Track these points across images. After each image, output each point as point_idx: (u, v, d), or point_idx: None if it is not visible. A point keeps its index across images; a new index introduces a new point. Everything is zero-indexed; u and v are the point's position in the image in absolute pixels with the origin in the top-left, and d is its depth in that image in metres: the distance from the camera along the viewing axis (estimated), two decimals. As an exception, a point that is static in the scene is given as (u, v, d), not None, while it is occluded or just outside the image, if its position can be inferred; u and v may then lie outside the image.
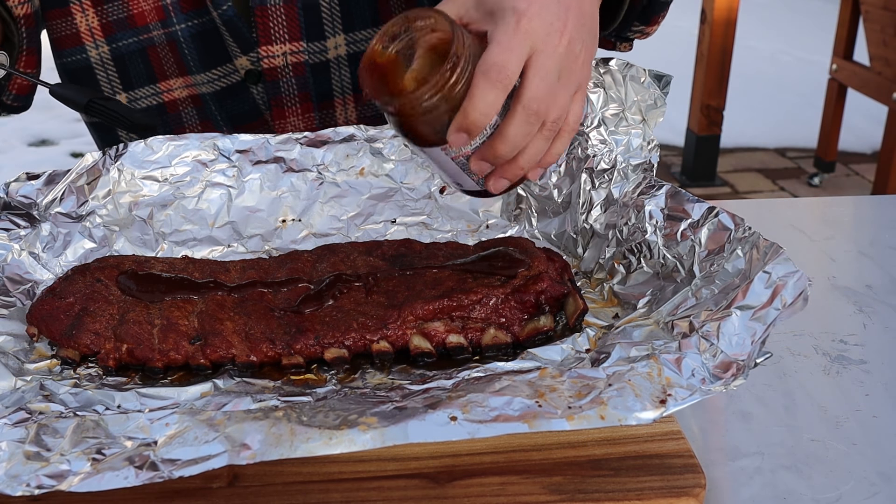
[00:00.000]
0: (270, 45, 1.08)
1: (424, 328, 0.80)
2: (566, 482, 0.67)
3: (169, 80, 1.13)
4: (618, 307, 0.86)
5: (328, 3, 1.08)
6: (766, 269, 0.74)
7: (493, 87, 0.69)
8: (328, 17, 1.09)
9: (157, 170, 0.99)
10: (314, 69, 1.11)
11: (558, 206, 0.99)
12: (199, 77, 1.12)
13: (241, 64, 1.10)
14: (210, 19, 1.07)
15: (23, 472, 0.61)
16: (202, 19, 1.08)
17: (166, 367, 0.79)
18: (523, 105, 0.71)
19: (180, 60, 1.11)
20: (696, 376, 0.69)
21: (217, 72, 1.11)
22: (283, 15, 1.07)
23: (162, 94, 1.13)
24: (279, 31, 1.08)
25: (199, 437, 0.63)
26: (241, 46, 1.08)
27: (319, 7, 1.08)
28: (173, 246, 0.97)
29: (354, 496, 0.66)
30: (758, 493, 0.70)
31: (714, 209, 0.85)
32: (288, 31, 1.08)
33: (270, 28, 1.07)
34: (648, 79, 0.97)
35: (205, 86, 1.13)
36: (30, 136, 4.31)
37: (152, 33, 1.09)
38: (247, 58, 1.09)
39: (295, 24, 1.08)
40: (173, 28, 1.08)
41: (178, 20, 1.08)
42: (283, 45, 1.08)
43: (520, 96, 0.71)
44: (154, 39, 1.09)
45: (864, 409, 0.80)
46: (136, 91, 1.13)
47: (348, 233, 1.00)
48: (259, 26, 1.07)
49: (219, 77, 1.12)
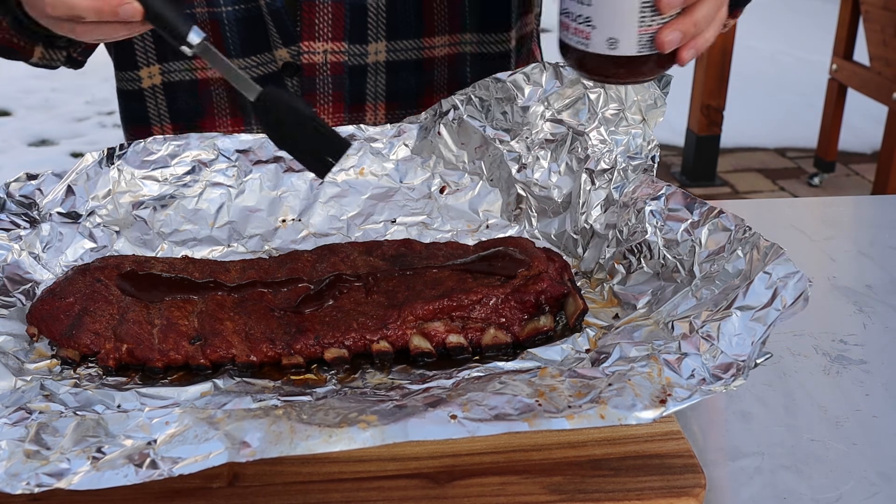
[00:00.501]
0: (313, 41, 1.09)
1: (424, 328, 0.80)
2: (566, 482, 0.67)
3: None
4: (618, 307, 0.86)
5: (375, 8, 1.09)
6: (766, 270, 0.74)
7: None
8: (373, 21, 1.10)
9: (157, 170, 0.99)
10: (352, 71, 1.11)
11: (558, 206, 0.99)
12: (237, 62, 1.12)
13: (280, 55, 1.10)
14: (256, 6, 1.07)
15: (23, 470, 0.61)
16: (249, 5, 1.08)
17: (166, 367, 0.79)
18: None
19: (220, 42, 1.11)
20: (696, 376, 0.69)
21: (255, 59, 1.12)
22: (330, 13, 1.08)
23: (196, 70, 1.13)
24: (323, 29, 1.08)
25: (199, 436, 0.63)
26: (284, 38, 1.09)
27: (366, 10, 1.09)
28: (173, 246, 0.97)
29: (354, 496, 0.66)
30: (758, 493, 0.70)
31: (714, 209, 0.85)
32: (332, 29, 1.09)
33: (315, 24, 1.08)
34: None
35: (240, 70, 1.13)
36: (30, 136, 4.31)
37: (196, 10, 1.09)
38: (287, 50, 1.10)
39: (340, 24, 1.09)
40: (218, 9, 1.08)
41: (225, 2, 1.08)
42: (326, 42, 1.09)
43: None
44: (197, 16, 1.09)
45: (864, 409, 0.80)
46: (171, 64, 1.13)
47: (348, 233, 1.00)
48: (304, 21, 1.08)
49: (256, 65, 1.12)
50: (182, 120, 1.17)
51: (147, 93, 1.16)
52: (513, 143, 1.00)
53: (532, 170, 1.00)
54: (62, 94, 4.82)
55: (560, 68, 0.98)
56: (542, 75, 0.99)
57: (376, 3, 1.08)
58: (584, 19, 0.73)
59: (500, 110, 1.00)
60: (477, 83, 1.01)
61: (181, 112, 1.16)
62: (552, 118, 0.99)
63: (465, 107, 1.01)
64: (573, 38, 0.74)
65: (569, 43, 0.75)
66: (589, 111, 0.98)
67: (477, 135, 1.01)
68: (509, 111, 1.00)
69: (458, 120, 1.01)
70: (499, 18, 1.14)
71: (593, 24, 0.73)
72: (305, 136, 0.80)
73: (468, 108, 1.01)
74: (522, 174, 1.00)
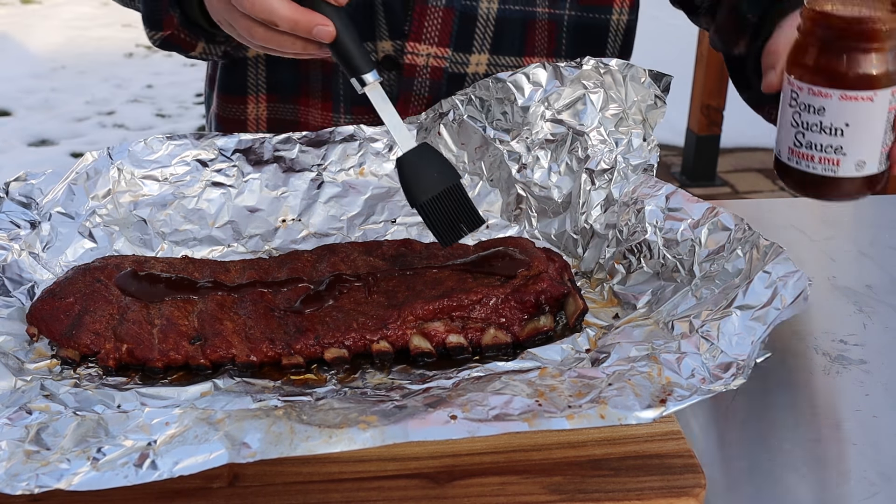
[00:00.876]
0: (419, 42, 1.10)
1: (424, 328, 0.80)
2: (566, 482, 0.67)
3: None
4: (618, 307, 0.86)
5: (484, 21, 1.11)
6: (766, 269, 0.74)
7: None
8: (480, 32, 1.12)
9: (157, 169, 0.99)
10: (451, 78, 1.13)
11: (558, 206, 0.99)
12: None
13: (383, 47, 1.11)
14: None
15: (23, 471, 0.61)
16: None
17: (166, 367, 0.79)
18: None
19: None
20: (696, 376, 0.69)
21: None
22: (440, 18, 1.09)
23: None
24: (431, 33, 1.10)
25: (199, 436, 0.63)
26: (390, 31, 1.10)
27: (476, 21, 1.11)
28: (173, 246, 0.97)
29: (355, 496, 0.66)
30: (758, 493, 0.70)
31: (714, 209, 0.85)
32: (439, 34, 1.10)
33: (424, 27, 1.09)
34: (648, 79, 0.97)
35: None
36: (30, 136, 4.30)
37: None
38: (391, 43, 1.11)
39: (447, 30, 1.10)
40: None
41: None
42: (431, 46, 1.11)
43: None
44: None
45: (864, 409, 0.80)
46: None
47: (348, 233, 1.00)
48: (414, 22, 1.09)
49: None
50: (277, 92, 1.19)
51: (250, 62, 1.18)
52: (513, 143, 1.00)
53: (532, 170, 1.00)
54: (62, 94, 4.82)
55: (560, 68, 0.98)
56: (543, 75, 0.99)
57: (486, 15, 1.10)
58: (836, 149, 0.80)
59: (500, 110, 1.00)
60: (477, 83, 1.01)
61: (278, 85, 1.18)
62: (552, 118, 0.99)
63: (466, 107, 1.01)
64: (818, 167, 0.82)
65: (813, 172, 0.83)
66: (589, 111, 0.98)
67: (477, 135, 1.01)
68: (509, 111, 1.00)
69: (458, 120, 1.01)
70: (591, 47, 1.17)
71: (844, 152, 0.80)
72: (447, 200, 0.81)
73: (468, 109, 1.01)
74: (522, 174, 1.00)
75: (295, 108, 1.19)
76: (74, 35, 6.00)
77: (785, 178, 0.86)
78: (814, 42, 0.81)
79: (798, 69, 0.82)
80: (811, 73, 0.81)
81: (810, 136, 0.81)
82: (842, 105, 0.79)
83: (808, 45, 0.81)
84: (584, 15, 1.16)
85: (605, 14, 1.17)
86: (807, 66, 0.81)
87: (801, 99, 0.81)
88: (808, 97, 0.81)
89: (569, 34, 1.16)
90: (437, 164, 0.82)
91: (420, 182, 0.81)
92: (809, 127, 0.81)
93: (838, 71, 0.79)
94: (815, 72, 0.80)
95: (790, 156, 0.84)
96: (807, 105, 0.81)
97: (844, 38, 0.79)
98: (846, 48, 0.79)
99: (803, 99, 0.81)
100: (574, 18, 1.16)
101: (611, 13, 1.18)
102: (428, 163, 0.81)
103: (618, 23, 1.19)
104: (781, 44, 0.93)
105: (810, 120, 0.81)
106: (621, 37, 1.21)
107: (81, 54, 5.53)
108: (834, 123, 0.80)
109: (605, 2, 1.17)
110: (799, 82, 0.81)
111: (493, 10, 1.11)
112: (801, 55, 0.82)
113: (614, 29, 1.19)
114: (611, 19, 1.18)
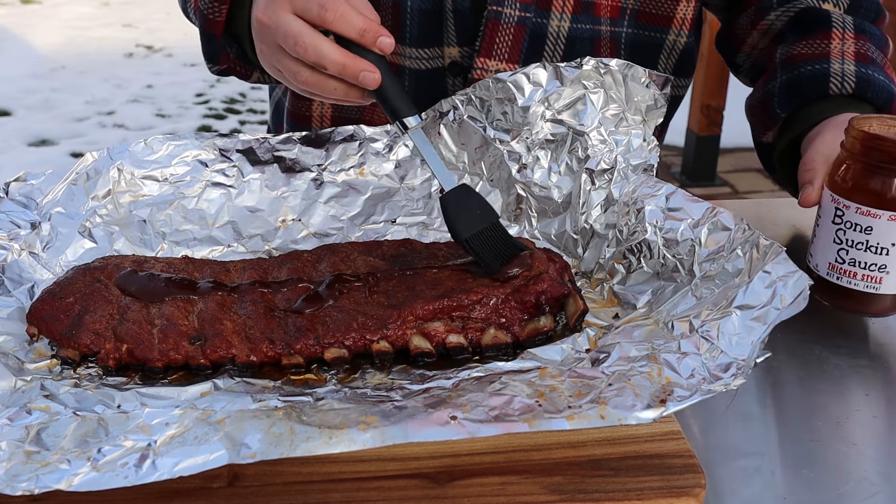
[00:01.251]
0: (489, 59, 1.11)
1: (424, 328, 0.80)
2: (566, 482, 0.67)
3: None
4: (618, 307, 0.86)
5: (554, 38, 1.12)
6: (765, 269, 0.74)
7: None
8: (550, 49, 1.13)
9: (157, 169, 0.99)
10: None
11: (558, 206, 0.99)
12: (409, 51, 1.14)
13: (449, 52, 1.12)
14: (441, 2, 1.10)
15: (23, 471, 0.61)
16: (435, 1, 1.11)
17: (166, 367, 0.79)
18: None
19: (398, 27, 1.13)
20: (695, 376, 0.69)
21: (425, 52, 1.14)
22: (511, 35, 1.10)
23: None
24: (501, 49, 1.11)
25: (199, 437, 0.63)
26: (458, 38, 1.11)
27: (545, 39, 1.12)
28: (173, 246, 0.97)
29: (354, 496, 0.66)
30: (758, 493, 0.70)
31: (714, 209, 0.85)
32: (509, 51, 1.11)
33: (496, 43, 1.10)
34: (648, 79, 0.97)
35: (409, 60, 1.15)
36: (30, 136, 4.31)
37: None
38: (458, 49, 1.12)
39: (517, 48, 1.11)
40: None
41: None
42: (500, 63, 1.12)
43: None
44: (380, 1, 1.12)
45: (864, 409, 0.80)
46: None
47: (348, 233, 1.00)
48: (486, 38, 1.10)
49: (426, 58, 1.14)
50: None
51: None
52: (513, 143, 1.00)
53: (532, 170, 1.00)
54: (62, 94, 4.83)
55: (560, 68, 0.98)
56: (543, 75, 0.99)
57: (556, 33, 1.11)
58: (880, 267, 0.82)
59: (500, 110, 1.00)
60: (477, 83, 1.01)
61: None
62: (552, 118, 0.99)
63: (466, 107, 1.01)
64: (860, 284, 0.84)
65: (854, 288, 0.85)
66: (589, 111, 0.98)
67: (477, 135, 1.01)
68: (509, 111, 1.00)
69: (458, 120, 1.01)
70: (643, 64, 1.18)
71: (888, 270, 0.82)
72: (490, 235, 0.85)
73: (468, 109, 1.01)
74: (522, 174, 1.00)
75: (359, 109, 1.20)
76: (74, 35, 6.01)
77: (821, 291, 0.87)
78: (861, 162, 0.82)
79: (844, 188, 0.83)
80: (859, 193, 0.82)
81: (854, 254, 0.82)
82: (890, 226, 0.80)
83: (855, 164, 0.82)
84: (640, 33, 1.18)
85: (661, 34, 1.19)
86: (854, 186, 0.82)
87: (846, 217, 0.82)
88: (854, 216, 0.81)
89: (626, 50, 1.18)
90: (478, 200, 0.87)
91: (466, 217, 0.86)
92: (854, 245, 0.82)
93: (888, 193, 0.80)
94: (863, 192, 0.81)
95: (830, 271, 0.85)
96: (853, 223, 0.82)
97: (894, 161, 0.80)
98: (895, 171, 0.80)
99: (849, 217, 0.82)
100: (631, 36, 1.18)
101: (667, 33, 1.19)
102: (471, 200, 0.87)
103: (674, 43, 1.20)
104: (819, 160, 0.93)
105: (856, 238, 0.82)
106: (676, 57, 1.22)
107: (81, 54, 5.53)
108: (881, 243, 0.81)
109: (663, 22, 1.18)
110: (846, 201, 0.82)
111: (565, 28, 1.12)
112: (847, 174, 0.83)
113: (669, 48, 1.20)
114: (666, 39, 1.19)
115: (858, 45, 1.08)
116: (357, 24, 0.84)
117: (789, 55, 1.11)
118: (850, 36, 1.09)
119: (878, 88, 1.05)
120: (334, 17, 0.83)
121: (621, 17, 1.16)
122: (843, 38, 1.09)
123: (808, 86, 1.06)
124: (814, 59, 1.08)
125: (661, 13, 1.18)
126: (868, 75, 1.05)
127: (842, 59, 1.06)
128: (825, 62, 1.06)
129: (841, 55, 1.07)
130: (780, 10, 1.18)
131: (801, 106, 1.07)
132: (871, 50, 1.09)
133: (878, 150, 0.81)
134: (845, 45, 1.08)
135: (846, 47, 1.08)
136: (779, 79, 1.09)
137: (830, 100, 1.05)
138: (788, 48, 1.12)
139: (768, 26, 1.18)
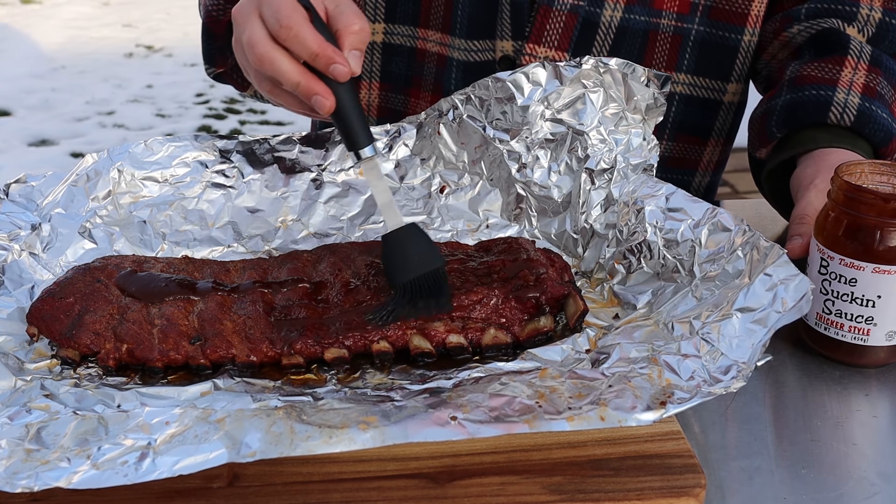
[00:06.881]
0: (538, 45, 1.10)
1: (424, 328, 0.80)
2: (566, 482, 0.67)
3: (429, 30, 1.14)
4: (618, 307, 0.86)
5: (606, 27, 1.10)
6: (767, 272, 0.74)
7: None
8: (600, 40, 1.11)
9: (158, 170, 0.99)
10: None
11: (558, 206, 0.99)
12: (458, 41, 1.13)
13: (502, 47, 1.11)
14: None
15: (22, 469, 0.62)
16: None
17: (166, 367, 0.79)
18: None
19: (449, 17, 1.11)
20: (696, 378, 0.69)
21: (476, 45, 1.12)
22: (562, 23, 1.09)
23: (417, 39, 1.15)
24: (552, 36, 1.09)
25: (199, 436, 0.63)
26: (513, 31, 1.10)
27: (597, 27, 1.10)
28: (173, 246, 0.97)
29: (354, 496, 0.66)
30: (758, 493, 0.70)
31: (714, 209, 0.85)
32: (559, 38, 1.10)
33: (546, 30, 1.09)
34: (648, 78, 0.97)
35: (458, 51, 1.14)
36: (30, 136, 4.30)
37: None
38: (511, 43, 1.10)
39: (568, 35, 1.10)
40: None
41: None
42: (550, 49, 1.10)
43: None
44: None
45: (864, 409, 0.80)
46: (396, 27, 1.15)
47: (348, 233, 1.00)
48: (536, 24, 1.09)
49: (476, 50, 1.12)
50: (390, 81, 1.20)
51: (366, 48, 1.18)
52: (512, 142, 1.00)
53: (532, 169, 1.00)
54: (62, 94, 4.82)
55: (560, 67, 0.98)
56: (542, 75, 0.99)
57: (609, 22, 1.09)
58: (866, 319, 0.81)
59: (499, 110, 1.00)
60: (477, 83, 1.01)
61: (392, 74, 1.19)
62: (552, 118, 0.99)
63: (465, 106, 1.01)
64: (848, 335, 0.82)
65: (841, 339, 0.83)
66: (589, 111, 0.98)
67: (477, 134, 1.01)
68: (509, 111, 1.00)
69: (458, 120, 1.01)
70: (716, 66, 1.15)
71: (875, 323, 0.81)
72: (427, 282, 0.81)
73: (468, 108, 1.01)
74: (522, 174, 1.00)
75: (406, 100, 1.19)
76: (74, 35, 6.00)
77: (811, 341, 0.86)
78: (846, 214, 0.80)
79: (829, 239, 0.82)
80: (843, 244, 0.80)
81: (840, 305, 0.81)
82: (875, 278, 0.79)
83: (840, 214, 0.81)
84: (713, 32, 1.13)
85: (736, 34, 1.14)
86: (839, 237, 0.81)
87: (831, 268, 0.81)
88: (839, 267, 0.80)
89: (693, 50, 1.14)
90: (426, 244, 0.83)
91: (407, 261, 0.82)
92: (840, 296, 0.81)
93: (872, 246, 0.79)
94: (848, 243, 0.80)
95: (818, 321, 0.84)
96: (838, 275, 0.81)
97: (880, 215, 0.78)
98: (881, 224, 0.78)
99: (833, 268, 0.81)
100: (702, 34, 1.13)
101: (743, 33, 1.14)
102: (418, 242, 0.83)
103: (749, 44, 1.15)
104: (811, 214, 0.92)
105: (841, 290, 0.81)
106: (750, 60, 1.17)
107: (81, 54, 5.53)
108: (866, 295, 0.80)
109: (738, 21, 1.13)
110: (830, 252, 0.81)
111: (617, 17, 1.09)
112: (833, 225, 0.81)
113: (744, 51, 1.15)
114: (742, 40, 1.14)
115: (869, 78, 1.05)
116: (310, 48, 0.79)
117: (798, 75, 1.07)
118: (864, 67, 1.05)
119: (876, 125, 1.01)
120: (288, 35, 0.79)
121: (692, 12, 1.11)
122: (857, 68, 1.05)
123: (807, 111, 1.03)
124: (820, 84, 1.04)
125: (736, 10, 1.12)
126: (870, 110, 1.01)
127: (848, 89, 1.03)
128: (831, 89, 1.03)
129: (849, 85, 1.03)
130: (805, 24, 1.12)
131: (796, 129, 1.04)
132: (881, 85, 1.05)
133: (862, 202, 0.79)
134: (856, 75, 1.04)
135: (856, 78, 1.04)
136: (782, 97, 1.06)
137: (827, 129, 1.02)
138: (800, 67, 1.08)
139: (789, 39, 1.13)
